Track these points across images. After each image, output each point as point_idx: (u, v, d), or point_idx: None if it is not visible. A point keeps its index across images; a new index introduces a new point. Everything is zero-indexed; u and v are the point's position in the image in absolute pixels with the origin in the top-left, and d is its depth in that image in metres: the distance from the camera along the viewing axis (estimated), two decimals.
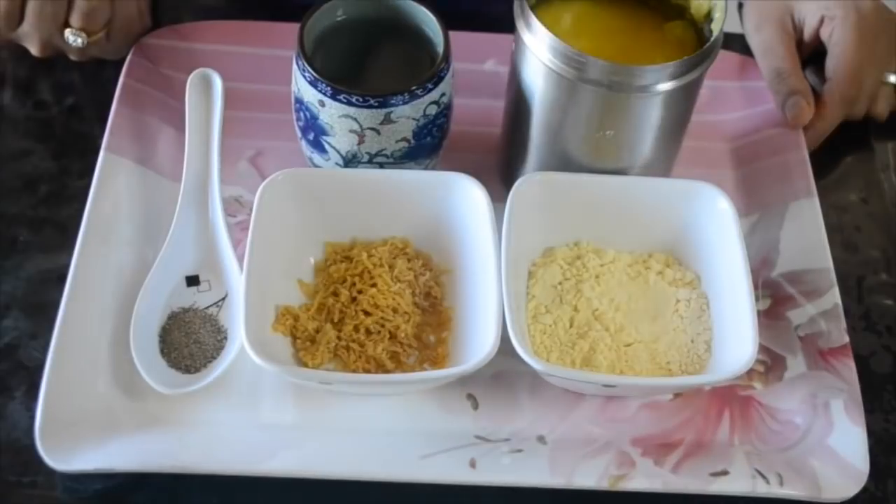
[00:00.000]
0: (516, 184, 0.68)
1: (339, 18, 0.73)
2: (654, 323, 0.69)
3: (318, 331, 0.68)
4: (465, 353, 0.65)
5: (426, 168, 0.74)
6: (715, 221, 0.69)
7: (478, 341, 0.63)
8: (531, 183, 0.69)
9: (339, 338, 0.67)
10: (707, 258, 0.70)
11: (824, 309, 0.70)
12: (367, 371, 0.66)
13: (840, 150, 0.82)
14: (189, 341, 0.68)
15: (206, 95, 0.75)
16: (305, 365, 0.66)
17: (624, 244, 0.71)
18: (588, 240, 0.71)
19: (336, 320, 0.68)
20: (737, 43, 0.84)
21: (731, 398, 0.69)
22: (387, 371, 0.66)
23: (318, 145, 0.72)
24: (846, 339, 0.70)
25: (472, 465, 0.64)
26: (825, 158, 0.81)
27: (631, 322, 0.68)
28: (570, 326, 0.68)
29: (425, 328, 0.69)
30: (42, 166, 0.77)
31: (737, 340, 0.65)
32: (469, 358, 0.63)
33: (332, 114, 0.69)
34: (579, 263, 0.70)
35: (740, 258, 0.66)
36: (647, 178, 0.71)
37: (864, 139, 0.83)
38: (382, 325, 0.68)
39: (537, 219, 0.69)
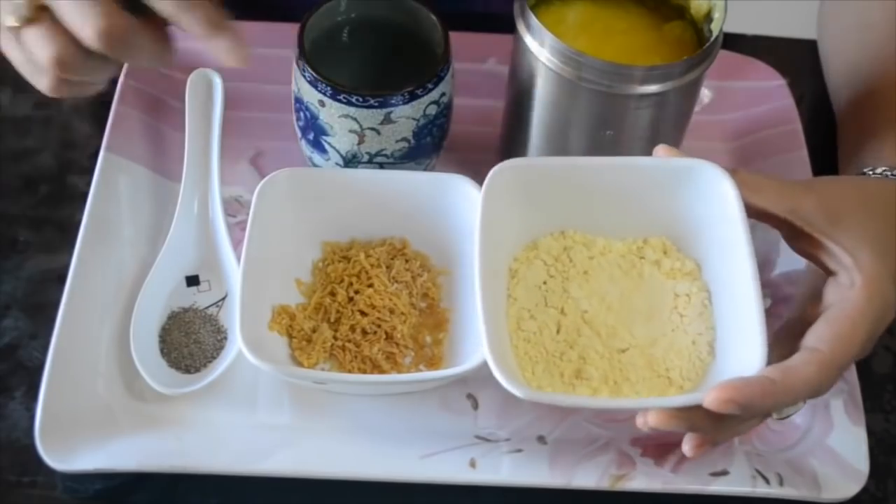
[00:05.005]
0: (491, 172, 0.61)
1: (339, 18, 0.73)
2: (651, 323, 0.63)
3: (314, 330, 0.68)
4: (461, 355, 0.65)
5: (426, 168, 0.74)
6: (716, 204, 0.61)
7: (474, 343, 0.63)
8: (507, 171, 0.62)
9: (335, 338, 0.67)
10: (708, 245, 0.64)
11: None
12: (363, 371, 0.66)
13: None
14: (189, 341, 0.68)
15: (206, 95, 0.75)
16: (301, 364, 0.66)
17: (617, 231, 0.65)
18: (575, 228, 0.65)
19: (332, 320, 0.68)
20: (737, 43, 0.84)
21: None
22: (382, 371, 0.66)
23: (318, 145, 0.72)
24: None
25: (472, 465, 0.64)
26: (825, 158, 0.80)
27: (624, 324, 0.63)
28: (557, 333, 0.62)
29: (422, 329, 0.69)
30: (42, 166, 0.77)
31: (742, 344, 0.59)
32: (465, 359, 0.63)
33: (332, 114, 0.69)
34: (565, 257, 0.64)
35: (744, 245, 0.59)
36: (638, 159, 0.65)
37: None
38: (379, 326, 0.68)
39: (517, 209, 0.63)
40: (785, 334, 0.61)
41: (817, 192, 0.61)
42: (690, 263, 0.65)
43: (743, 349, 0.59)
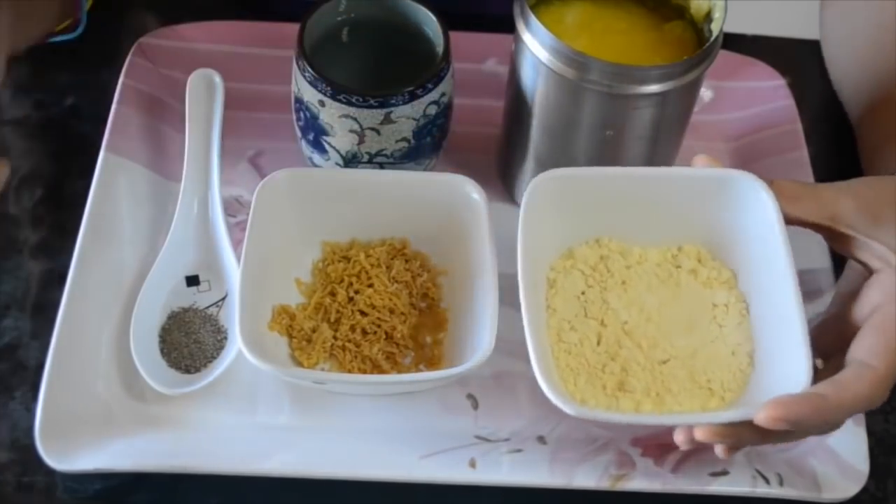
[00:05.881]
0: (531, 184, 0.63)
1: (339, 18, 0.74)
2: (690, 334, 0.63)
3: (314, 330, 0.68)
4: (461, 355, 0.65)
5: (426, 168, 0.74)
6: (754, 215, 0.62)
7: (474, 343, 0.63)
8: (546, 181, 0.63)
9: (335, 338, 0.67)
10: (744, 253, 0.64)
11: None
12: (363, 371, 0.66)
13: (840, 149, 0.82)
14: (189, 341, 0.68)
15: (206, 95, 0.75)
16: (301, 364, 0.66)
17: (651, 238, 0.66)
18: (611, 236, 0.66)
19: (332, 320, 0.68)
20: (737, 43, 0.84)
21: None
22: (382, 371, 0.66)
23: (318, 145, 0.72)
24: None
25: (472, 465, 0.64)
26: (826, 158, 0.81)
27: (664, 335, 0.63)
28: (598, 345, 0.63)
29: (422, 329, 0.69)
30: (42, 166, 0.77)
31: (785, 356, 0.59)
32: (465, 359, 0.63)
33: (332, 114, 0.69)
34: (603, 267, 0.65)
35: (784, 257, 0.60)
36: (676, 169, 0.66)
37: None
38: (378, 326, 0.68)
39: (555, 219, 0.64)
40: (822, 331, 0.61)
41: (857, 193, 0.61)
42: (726, 272, 0.65)
43: (786, 361, 0.59)
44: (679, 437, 0.58)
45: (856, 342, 0.58)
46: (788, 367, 0.58)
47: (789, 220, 0.62)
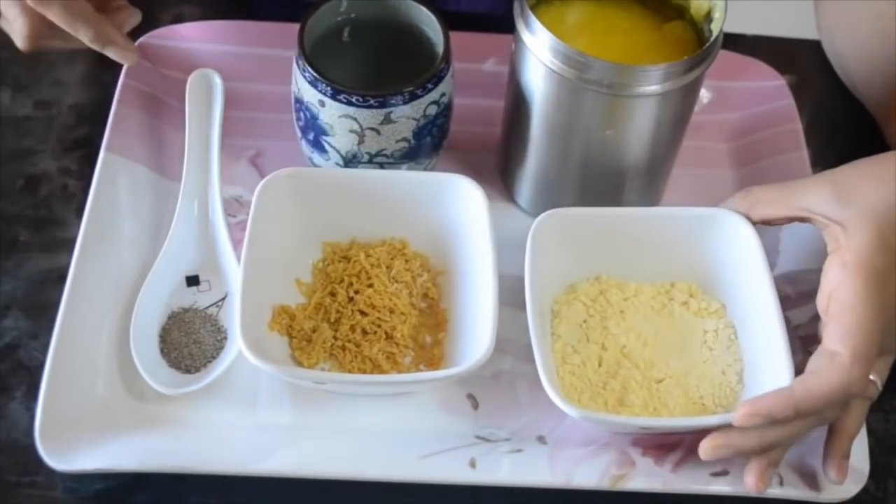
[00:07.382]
0: (536, 221, 0.67)
1: (339, 18, 0.74)
2: (684, 356, 0.67)
3: (314, 330, 0.68)
4: (461, 355, 0.65)
5: (426, 168, 0.74)
6: (737, 248, 0.67)
7: (474, 343, 0.63)
8: (551, 219, 0.67)
9: (335, 338, 0.67)
10: (732, 286, 0.69)
11: None
12: (363, 371, 0.66)
13: (840, 149, 0.82)
14: (189, 341, 0.68)
15: (206, 95, 0.75)
16: (301, 364, 0.66)
17: (645, 276, 0.70)
18: (609, 274, 0.70)
19: (333, 320, 0.68)
20: (737, 43, 0.84)
21: None
22: (382, 371, 0.66)
23: (318, 145, 0.72)
24: None
25: (472, 465, 0.64)
26: (825, 158, 0.81)
27: (660, 357, 0.67)
28: (600, 366, 0.67)
29: (422, 329, 0.69)
30: (42, 166, 0.77)
31: (770, 370, 0.63)
32: (465, 359, 0.63)
33: (332, 114, 0.69)
34: (602, 299, 0.69)
35: (767, 285, 0.65)
36: (665, 209, 0.70)
37: (864, 137, 0.83)
38: (379, 326, 0.68)
39: (558, 255, 0.68)
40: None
41: (835, 180, 0.63)
42: (716, 304, 0.69)
43: (771, 375, 0.62)
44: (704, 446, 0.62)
45: (823, 334, 0.61)
46: (774, 379, 0.62)
47: (773, 222, 0.66)
